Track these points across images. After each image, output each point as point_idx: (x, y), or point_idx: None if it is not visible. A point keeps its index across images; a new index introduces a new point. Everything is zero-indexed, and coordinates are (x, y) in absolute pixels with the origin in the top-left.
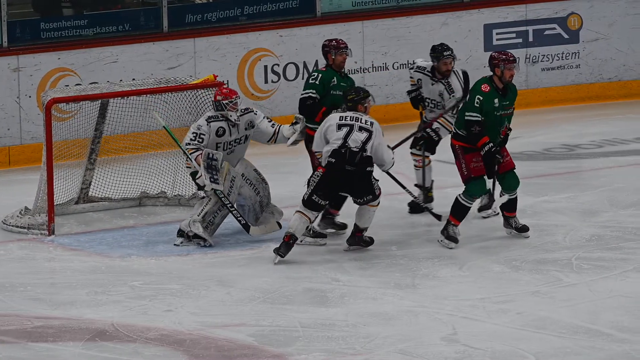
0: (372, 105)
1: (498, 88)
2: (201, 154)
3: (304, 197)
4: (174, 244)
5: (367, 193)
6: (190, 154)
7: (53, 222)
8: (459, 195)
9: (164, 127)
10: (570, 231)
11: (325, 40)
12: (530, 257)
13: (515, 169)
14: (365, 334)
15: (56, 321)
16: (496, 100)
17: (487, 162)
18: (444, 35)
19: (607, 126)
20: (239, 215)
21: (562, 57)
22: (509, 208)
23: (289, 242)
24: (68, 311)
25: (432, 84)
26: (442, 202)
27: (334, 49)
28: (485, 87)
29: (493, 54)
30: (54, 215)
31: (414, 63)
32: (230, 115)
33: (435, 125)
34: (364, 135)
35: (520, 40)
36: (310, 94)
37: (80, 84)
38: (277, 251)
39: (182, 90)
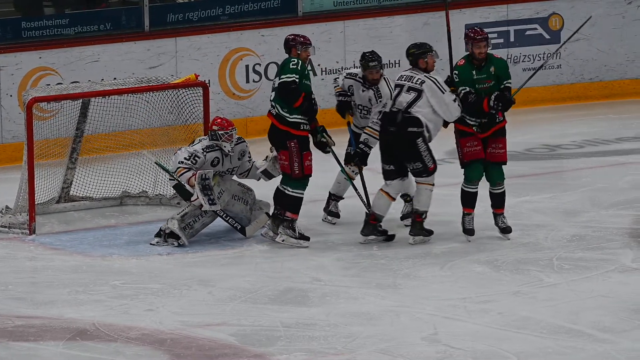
0: (435, 61)
1: (474, 62)
2: (194, 175)
3: None
4: (150, 243)
5: (414, 159)
6: (181, 174)
7: (34, 221)
8: (462, 183)
9: (155, 163)
10: (551, 231)
11: (290, 35)
12: (512, 257)
13: (504, 164)
14: (346, 334)
15: (37, 320)
16: (473, 72)
17: (503, 109)
18: (426, 35)
19: (588, 126)
20: (234, 222)
21: (543, 57)
22: (497, 204)
23: (372, 222)
24: (49, 310)
25: (363, 91)
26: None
27: (300, 45)
28: (460, 62)
29: (466, 31)
30: (35, 215)
31: (342, 71)
32: (225, 146)
33: (364, 136)
34: (410, 96)
35: (501, 40)
36: (294, 78)
37: (61, 83)
38: (362, 232)
39: (163, 90)
